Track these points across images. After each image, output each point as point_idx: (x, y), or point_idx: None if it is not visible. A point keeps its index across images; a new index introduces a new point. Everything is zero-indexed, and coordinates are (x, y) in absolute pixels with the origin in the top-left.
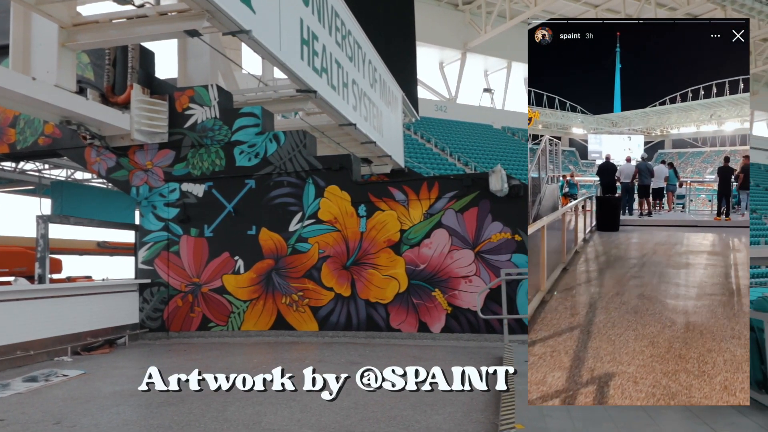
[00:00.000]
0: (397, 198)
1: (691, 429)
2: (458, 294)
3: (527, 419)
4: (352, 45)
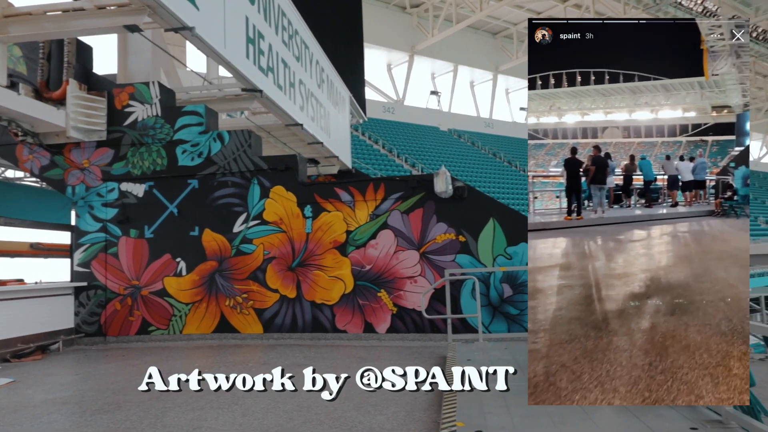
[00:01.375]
0: (343, 199)
1: (623, 422)
2: (404, 294)
3: (468, 417)
4: (299, 45)
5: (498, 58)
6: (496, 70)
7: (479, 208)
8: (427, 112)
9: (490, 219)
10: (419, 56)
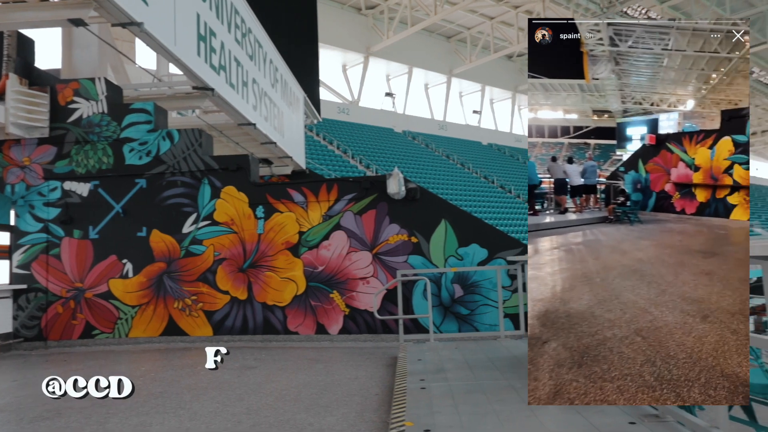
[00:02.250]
0: (295, 200)
1: (567, 420)
2: (356, 295)
3: (417, 416)
4: (252, 43)
5: (452, 61)
6: (450, 73)
7: (431, 209)
8: (382, 113)
9: (442, 220)
10: (374, 58)
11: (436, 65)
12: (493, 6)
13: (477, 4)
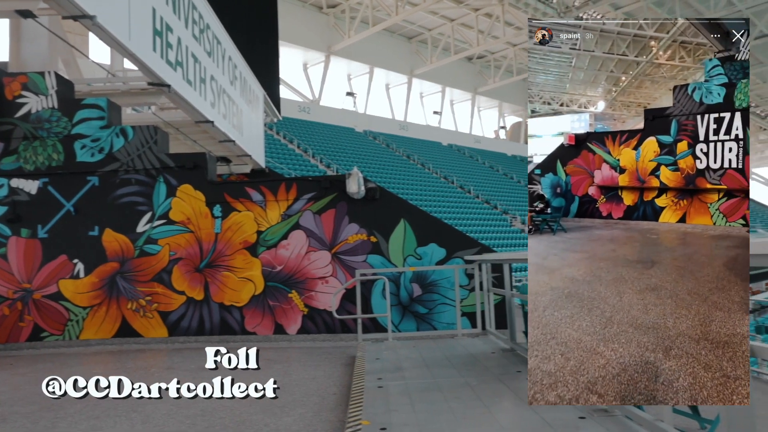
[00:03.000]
0: (254, 199)
1: (520, 415)
2: (315, 295)
3: (374, 415)
4: (210, 40)
5: (413, 62)
6: (411, 73)
7: (391, 209)
8: (343, 112)
9: (401, 220)
10: (336, 57)
11: (397, 65)
12: (454, 8)
13: (438, 6)
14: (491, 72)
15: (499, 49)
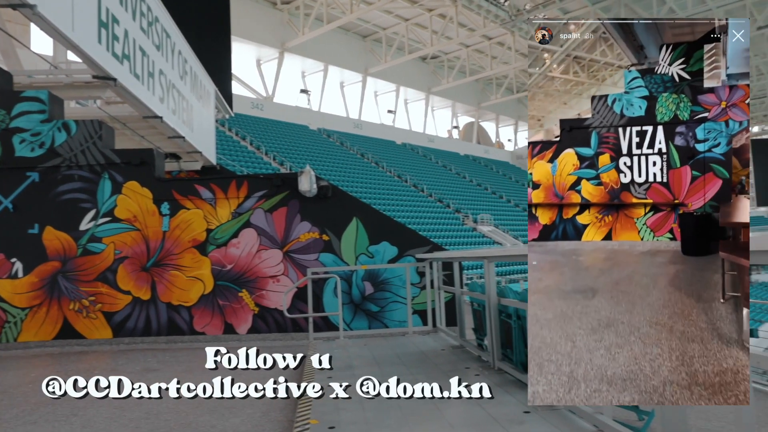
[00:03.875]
0: (203, 196)
1: (467, 410)
2: (266, 294)
3: (322, 413)
4: (159, 33)
5: (367, 60)
6: (366, 72)
7: (343, 207)
8: (297, 110)
9: (354, 218)
10: (290, 54)
11: (351, 64)
12: (408, 8)
13: (392, 5)
14: (445, 72)
15: (452, 50)
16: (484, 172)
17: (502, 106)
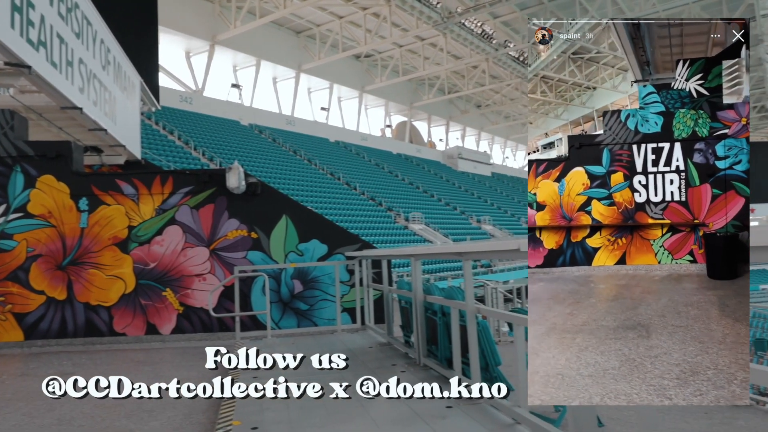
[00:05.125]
0: (125, 192)
1: (391, 406)
2: (191, 293)
3: (246, 414)
4: (80, 20)
5: (301, 56)
6: (299, 68)
7: (272, 204)
8: (227, 105)
9: (283, 216)
10: (221, 47)
11: (284, 59)
12: (342, 5)
13: (326, 2)
14: (378, 71)
15: (386, 49)
16: (416, 171)
17: (434, 106)
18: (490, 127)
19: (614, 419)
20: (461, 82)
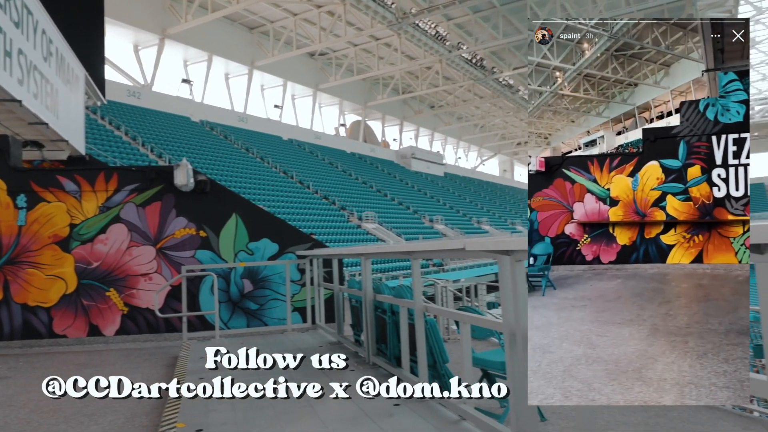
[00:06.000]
0: (67, 189)
1: (339, 407)
2: (136, 293)
3: (191, 416)
4: (19, 9)
5: (254, 53)
6: (252, 65)
7: (222, 202)
8: (178, 100)
9: (233, 214)
10: (171, 41)
11: (237, 55)
12: (296, 2)
13: None
14: (333, 70)
15: (340, 48)
16: (370, 170)
17: (388, 106)
18: (443, 128)
19: (556, 413)
20: (415, 83)
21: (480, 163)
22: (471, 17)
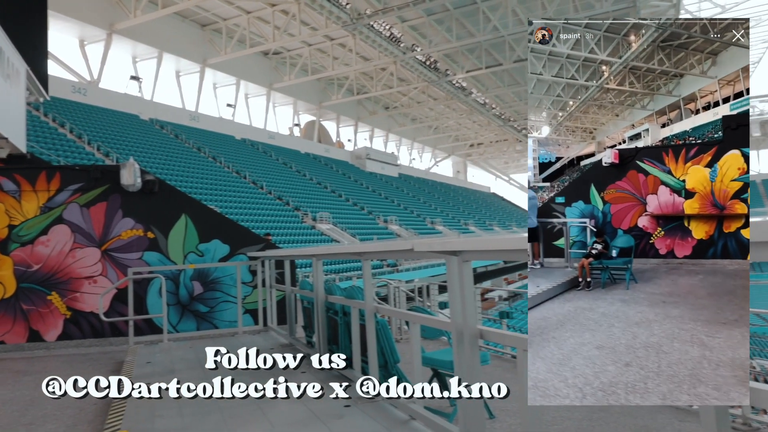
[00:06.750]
0: (5, 188)
1: (289, 409)
2: (80, 296)
3: (136, 422)
4: None
5: (206, 51)
6: (204, 63)
7: (171, 203)
8: (126, 98)
9: (183, 215)
10: (119, 36)
11: (189, 53)
12: (250, 0)
13: None
14: (287, 69)
15: (295, 47)
16: (325, 170)
17: (342, 106)
18: (398, 129)
19: (504, 411)
20: (370, 84)
21: (434, 164)
22: (425, 19)
